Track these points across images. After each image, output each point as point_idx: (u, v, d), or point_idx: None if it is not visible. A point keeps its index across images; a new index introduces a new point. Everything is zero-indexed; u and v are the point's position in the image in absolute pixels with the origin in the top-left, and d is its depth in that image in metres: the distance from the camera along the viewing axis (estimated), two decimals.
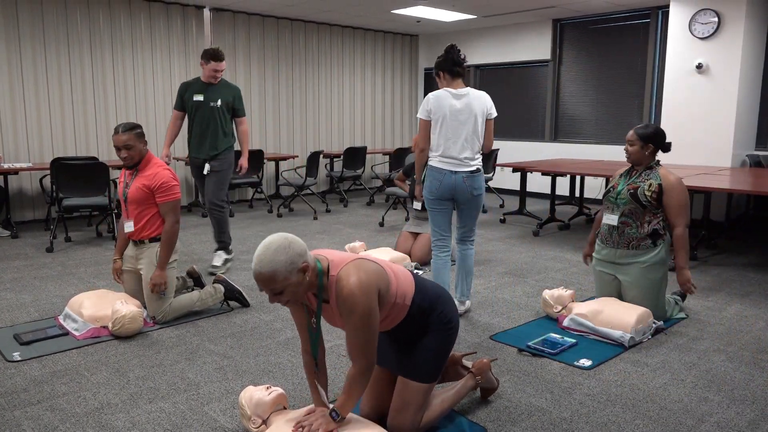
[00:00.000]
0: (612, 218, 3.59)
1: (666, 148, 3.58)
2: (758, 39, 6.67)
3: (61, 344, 3.24)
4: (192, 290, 3.96)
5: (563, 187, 8.06)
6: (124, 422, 2.45)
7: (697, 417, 2.52)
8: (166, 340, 3.34)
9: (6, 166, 5.99)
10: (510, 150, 9.28)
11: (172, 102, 7.71)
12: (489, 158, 7.76)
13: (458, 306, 3.83)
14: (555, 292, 3.66)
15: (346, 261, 2.09)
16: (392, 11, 8.03)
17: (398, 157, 8.59)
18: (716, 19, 6.41)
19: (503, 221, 7.08)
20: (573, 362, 3.05)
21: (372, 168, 9.88)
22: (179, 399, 2.65)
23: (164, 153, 4.81)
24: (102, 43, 7.08)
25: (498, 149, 8.62)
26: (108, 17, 7.09)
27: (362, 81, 9.85)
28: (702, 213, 5.74)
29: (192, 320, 3.64)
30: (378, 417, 2.34)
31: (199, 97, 4.73)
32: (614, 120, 8.28)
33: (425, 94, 10.61)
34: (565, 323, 3.52)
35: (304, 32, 8.96)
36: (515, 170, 6.70)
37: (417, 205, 5.19)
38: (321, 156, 8.08)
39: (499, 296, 4.19)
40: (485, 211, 7.72)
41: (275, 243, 1.97)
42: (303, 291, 2.03)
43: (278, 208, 7.74)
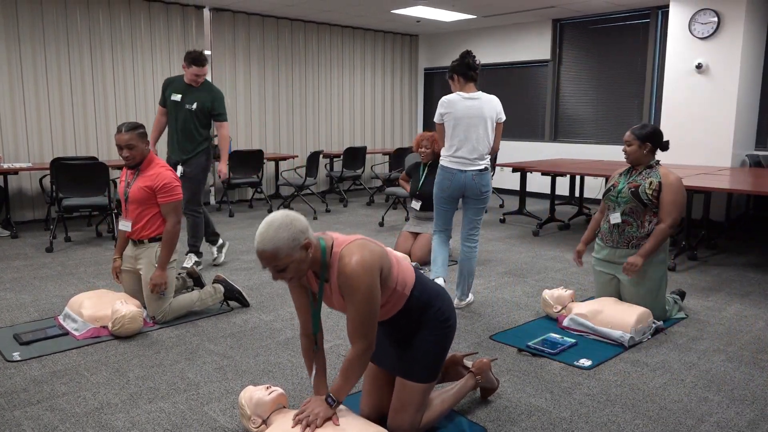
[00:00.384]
0: (614, 216, 3.59)
1: (664, 147, 3.59)
2: (758, 39, 6.67)
3: (61, 344, 3.24)
4: (192, 290, 3.96)
5: (563, 187, 8.06)
6: (124, 422, 2.45)
7: (697, 417, 2.52)
8: (166, 340, 3.34)
9: (6, 166, 5.99)
10: (510, 150, 9.27)
11: None
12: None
13: (457, 303, 3.88)
14: (555, 292, 3.66)
15: (350, 240, 2.10)
16: (392, 11, 8.03)
17: (398, 157, 8.59)
18: (716, 19, 6.41)
19: (503, 221, 7.09)
20: (573, 362, 3.05)
21: (372, 168, 9.88)
22: (179, 399, 2.65)
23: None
24: (102, 43, 7.08)
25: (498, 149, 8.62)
26: (108, 17, 7.09)
27: (362, 81, 9.84)
28: (702, 213, 5.74)
29: (192, 320, 3.65)
30: (378, 417, 2.34)
31: (177, 97, 4.62)
32: (614, 120, 8.28)
33: (425, 94, 10.67)
34: (565, 323, 3.52)
35: (304, 32, 8.96)
36: (515, 170, 6.70)
37: (416, 205, 5.19)
38: (321, 156, 8.09)
39: (499, 296, 4.19)
40: (486, 211, 7.72)
41: (277, 220, 1.97)
42: (306, 268, 2.03)
43: (278, 208, 7.71)
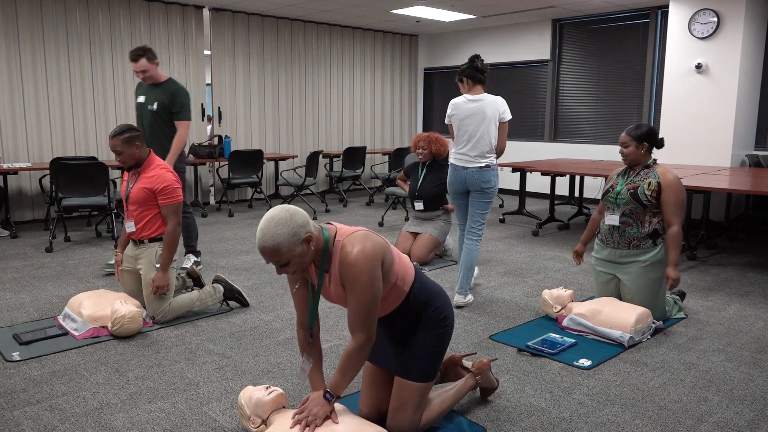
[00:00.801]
0: (613, 218, 3.59)
1: (659, 145, 3.60)
2: (757, 39, 6.67)
3: (61, 344, 3.24)
4: (191, 290, 3.96)
5: (563, 187, 8.07)
6: (124, 422, 2.45)
7: (697, 417, 2.52)
8: (166, 340, 3.34)
9: (5, 166, 5.99)
10: (509, 150, 9.25)
11: None
12: None
13: (458, 298, 3.93)
14: (554, 292, 3.66)
15: (353, 231, 2.10)
16: (392, 11, 8.03)
17: (398, 157, 8.59)
18: (715, 19, 6.41)
19: (503, 221, 7.09)
20: (572, 362, 3.05)
21: (371, 168, 9.88)
22: (178, 399, 2.65)
23: None
24: (101, 43, 7.07)
25: None
26: (107, 17, 7.09)
27: (361, 81, 9.84)
28: (701, 213, 5.75)
29: (191, 320, 3.64)
30: (377, 417, 2.34)
31: (141, 99, 4.53)
32: (614, 120, 8.28)
33: (425, 94, 10.67)
34: (565, 323, 3.52)
35: (304, 32, 8.96)
36: (515, 170, 6.70)
37: (417, 205, 5.20)
38: (320, 156, 8.09)
39: (499, 296, 4.19)
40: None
41: (277, 216, 1.98)
42: (309, 260, 2.04)
43: None
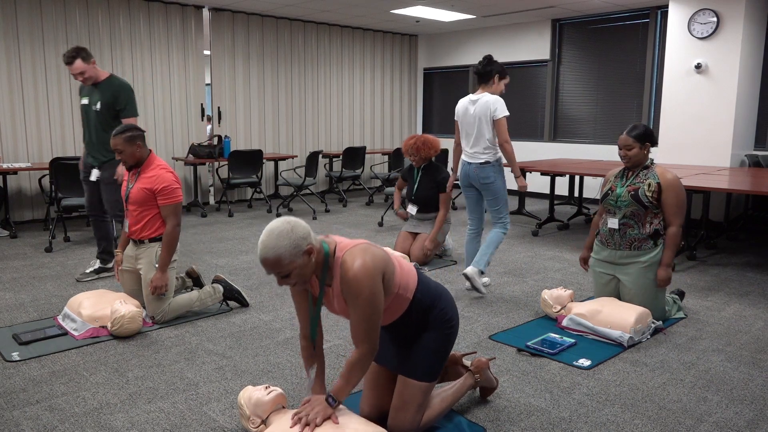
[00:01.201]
0: (613, 222, 3.59)
1: (655, 143, 3.63)
2: (757, 39, 6.67)
3: (60, 344, 3.24)
4: (191, 290, 3.96)
5: (562, 187, 8.06)
6: (123, 422, 2.45)
7: (696, 417, 2.52)
8: (165, 340, 3.33)
9: (5, 166, 5.99)
10: None
11: (171, 102, 7.74)
12: None
13: (471, 270, 4.05)
14: (554, 292, 3.66)
15: (353, 245, 2.10)
16: (391, 11, 8.03)
17: (397, 157, 8.59)
18: (715, 19, 6.41)
19: None
20: (572, 362, 3.05)
21: (371, 168, 9.88)
22: (178, 399, 2.65)
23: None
24: (101, 43, 7.07)
25: None
26: (107, 17, 7.09)
27: (361, 81, 9.84)
28: (701, 213, 5.75)
29: (191, 320, 3.64)
30: (378, 416, 2.34)
31: (85, 101, 4.41)
32: (613, 120, 8.28)
33: (424, 94, 10.67)
34: (564, 323, 3.52)
35: (304, 32, 8.96)
36: None
37: (412, 210, 5.20)
38: (320, 156, 8.09)
39: (499, 296, 4.19)
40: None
41: (278, 228, 1.98)
42: (310, 272, 2.04)
43: (277, 208, 7.74)
